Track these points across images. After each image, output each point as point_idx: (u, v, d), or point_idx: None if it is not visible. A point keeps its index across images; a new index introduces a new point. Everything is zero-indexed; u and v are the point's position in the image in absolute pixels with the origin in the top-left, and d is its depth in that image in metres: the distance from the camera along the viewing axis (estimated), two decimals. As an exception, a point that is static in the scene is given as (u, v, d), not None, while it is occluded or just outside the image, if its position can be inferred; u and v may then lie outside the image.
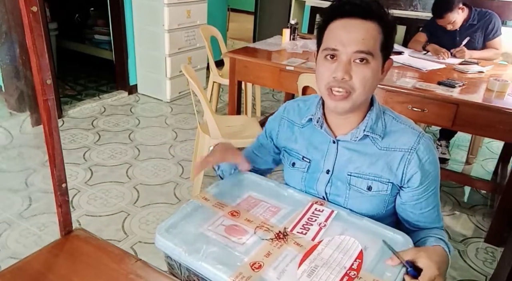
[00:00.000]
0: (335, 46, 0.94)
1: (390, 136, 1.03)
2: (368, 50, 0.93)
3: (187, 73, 2.08)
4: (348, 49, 0.93)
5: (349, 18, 0.94)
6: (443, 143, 3.01)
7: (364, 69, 0.94)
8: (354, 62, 0.94)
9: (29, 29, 0.78)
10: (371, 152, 1.03)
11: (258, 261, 0.87)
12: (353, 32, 0.93)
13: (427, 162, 1.00)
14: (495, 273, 1.82)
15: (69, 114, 3.45)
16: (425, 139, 1.01)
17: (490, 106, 1.95)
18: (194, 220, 1.00)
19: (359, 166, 1.05)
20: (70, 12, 4.68)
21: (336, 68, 0.94)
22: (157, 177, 2.60)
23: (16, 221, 2.12)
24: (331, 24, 0.97)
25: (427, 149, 1.00)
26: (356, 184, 1.06)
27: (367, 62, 0.94)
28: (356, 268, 0.88)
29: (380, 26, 0.94)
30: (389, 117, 1.05)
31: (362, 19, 0.93)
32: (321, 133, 1.09)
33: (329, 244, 0.95)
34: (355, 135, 1.03)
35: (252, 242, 0.93)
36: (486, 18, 2.68)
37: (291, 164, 1.17)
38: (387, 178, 1.03)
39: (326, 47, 0.96)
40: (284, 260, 0.89)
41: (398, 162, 1.01)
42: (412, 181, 1.01)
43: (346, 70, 0.93)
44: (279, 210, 1.06)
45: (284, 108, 1.19)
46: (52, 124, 0.88)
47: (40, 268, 0.90)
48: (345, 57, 0.94)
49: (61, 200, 0.97)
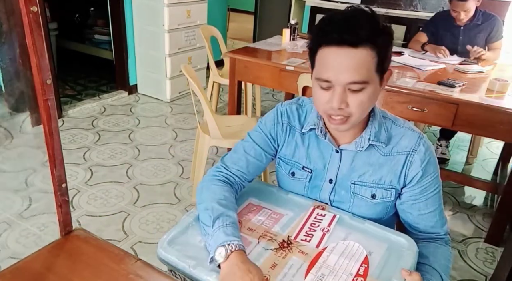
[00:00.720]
0: (327, 78, 0.90)
1: (392, 141, 1.02)
2: (362, 80, 0.88)
3: (187, 73, 2.08)
4: (342, 80, 0.88)
5: (338, 47, 0.87)
6: (443, 143, 3.01)
7: (360, 95, 0.90)
8: (349, 91, 0.90)
9: (29, 29, 0.78)
10: (375, 159, 1.03)
11: (264, 275, 0.86)
12: (345, 63, 0.87)
13: (427, 163, 1.00)
14: (495, 273, 1.81)
15: (69, 114, 3.45)
16: (425, 140, 1.02)
17: (490, 106, 1.95)
18: (196, 232, 0.98)
19: (363, 174, 1.04)
20: (70, 12, 4.68)
21: (331, 99, 0.91)
22: (157, 177, 2.60)
23: (16, 221, 2.12)
24: (321, 49, 0.91)
25: (427, 151, 1.00)
26: (360, 193, 1.05)
27: (363, 89, 0.90)
28: (363, 274, 0.87)
29: (373, 50, 0.87)
30: (389, 122, 1.04)
31: (353, 48, 0.86)
32: (323, 142, 1.06)
33: (333, 250, 0.94)
34: (360, 145, 1.01)
35: (256, 254, 0.92)
36: (490, 20, 2.69)
37: (289, 173, 1.13)
38: (390, 184, 1.03)
39: (319, 77, 0.92)
40: (290, 271, 0.88)
41: (402, 165, 1.01)
42: (412, 181, 1.01)
43: (342, 99, 0.90)
44: (281, 216, 1.05)
45: (281, 113, 1.11)
46: (52, 124, 0.88)
47: (40, 268, 0.90)
48: (339, 88, 0.89)
49: (61, 200, 0.97)
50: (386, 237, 0.99)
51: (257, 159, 1.12)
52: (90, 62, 4.61)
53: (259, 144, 1.12)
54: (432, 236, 1.07)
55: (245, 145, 1.13)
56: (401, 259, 0.93)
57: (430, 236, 1.07)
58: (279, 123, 1.11)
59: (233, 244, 0.87)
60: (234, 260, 0.85)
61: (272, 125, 1.11)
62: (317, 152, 1.08)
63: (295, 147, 1.10)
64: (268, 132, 1.12)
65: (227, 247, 0.87)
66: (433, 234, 1.07)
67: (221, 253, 0.86)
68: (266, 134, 1.12)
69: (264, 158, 1.13)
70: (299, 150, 1.10)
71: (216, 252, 0.87)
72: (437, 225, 1.06)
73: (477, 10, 2.69)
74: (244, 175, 1.11)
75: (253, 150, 1.11)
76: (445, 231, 1.07)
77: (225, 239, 0.88)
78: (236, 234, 0.91)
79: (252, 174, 1.13)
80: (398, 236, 0.99)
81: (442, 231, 1.07)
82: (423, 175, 1.00)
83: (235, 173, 1.10)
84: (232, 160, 1.11)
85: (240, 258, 0.85)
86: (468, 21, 2.70)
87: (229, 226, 0.92)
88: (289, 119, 1.10)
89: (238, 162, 1.11)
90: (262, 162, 1.13)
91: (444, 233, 1.07)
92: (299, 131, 1.09)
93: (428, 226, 1.06)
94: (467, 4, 2.61)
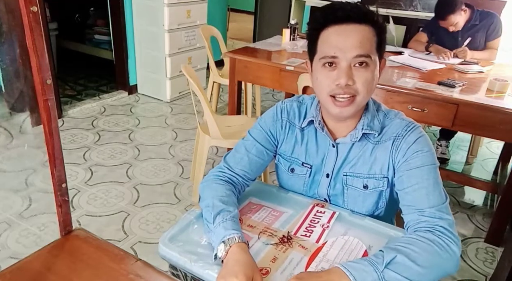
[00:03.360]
0: (334, 53, 0.94)
1: (383, 130, 1.03)
2: (367, 53, 0.94)
3: (187, 73, 2.08)
4: (348, 54, 0.93)
5: (343, 24, 0.94)
6: (443, 143, 3.01)
7: (365, 72, 0.95)
8: (355, 67, 0.94)
9: (29, 29, 0.78)
10: (367, 150, 1.04)
11: (265, 267, 0.87)
12: (351, 37, 0.93)
13: (415, 143, 0.98)
14: (495, 273, 1.81)
15: (69, 114, 3.45)
16: (413, 126, 1.01)
17: (490, 106, 1.95)
18: (197, 229, 0.99)
19: (354, 165, 1.05)
20: (70, 12, 4.68)
21: (338, 75, 0.94)
22: (157, 177, 2.60)
23: (16, 221, 2.12)
24: (324, 31, 0.96)
25: (414, 133, 1.00)
26: (352, 184, 1.06)
27: (367, 65, 0.94)
28: None
29: (374, 28, 0.95)
30: (381, 113, 1.06)
31: (357, 24, 0.93)
32: (321, 137, 1.08)
33: (333, 245, 0.95)
34: (355, 136, 1.03)
35: (257, 248, 0.93)
36: (488, 18, 2.68)
37: (289, 170, 1.14)
38: (381, 173, 1.03)
39: (325, 55, 0.95)
40: (290, 264, 0.89)
41: (389, 150, 1.01)
42: (399, 163, 1.00)
43: (349, 75, 0.94)
44: (281, 214, 1.06)
45: (281, 110, 1.12)
46: (52, 124, 0.88)
47: (40, 268, 0.90)
48: (345, 63, 0.94)
49: (61, 200, 0.97)
50: (385, 233, 1.00)
51: (259, 157, 1.12)
52: (90, 62, 4.61)
53: (260, 142, 1.12)
54: (419, 222, 0.92)
55: (246, 143, 1.13)
56: None
57: (416, 221, 0.93)
58: (279, 119, 1.12)
59: (232, 238, 0.88)
60: (233, 255, 0.86)
61: (271, 122, 1.13)
62: (315, 146, 1.09)
63: (295, 143, 1.11)
64: (268, 129, 1.13)
65: (226, 243, 0.88)
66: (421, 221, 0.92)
67: (221, 249, 0.87)
68: (266, 131, 1.13)
69: (266, 155, 1.13)
70: (298, 146, 1.11)
71: (218, 249, 0.88)
72: (425, 200, 0.92)
73: (474, 10, 2.69)
74: (247, 174, 1.11)
75: (255, 148, 1.12)
76: (436, 207, 0.92)
77: (224, 234, 0.89)
78: (235, 227, 0.92)
79: (255, 172, 1.13)
80: (398, 231, 1.00)
81: (429, 205, 0.92)
82: (410, 152, 0.98)
83: (238, 173, 1.10)
84: (235, 160, 1.12)
85: (239, 253, 0.86)
86: (465, 23, 2.70)
87: (229, 220, 0.93)
88: (289, 115, 1.12)
89: (241, 161, 1.11)
90: (264, 160, 1.14)
91: (436, 206, 0.92)
92: (298, 127, 1.10)
93: (416, 202, 0.93)
94: (450, 20, 2.62)
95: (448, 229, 0.89)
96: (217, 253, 0.88)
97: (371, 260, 0.82)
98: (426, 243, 0.86)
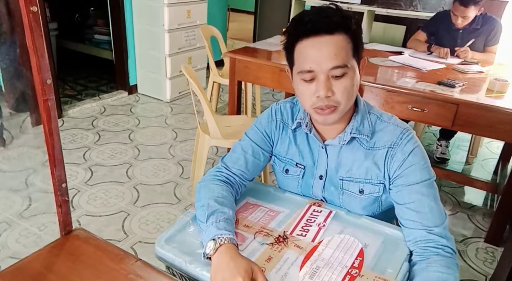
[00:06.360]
0: (310, 68, 0.93)
1: (375, 136, 1.03)
2: (343, 64, 0.92)
3: (187, 73, 2.08)
4: (324, 67, 0.92)
5: (315, 36, 0.92)
6: (443, 143, 3.01)
7: (344, 81, 0.93)
8: (333, 78, 0.93)
9: (29, 29, 0.78)
10: (358, 153, 1.03)
11: (260, 267, 0.87)
12: (324, 49, 0.91)
13: (410, 154, 0.98)
14: (495, 273, 1.81)
15: (69, 114, 3.45)
16: (408, 134, 1.01)
17: (490, 106, 1.95)
18: (193, 230, 1.00)
19: (349, 169, 1.05)
20: (70, 12, 4.68)
21: (317, 88, 0.93)
22: (157, 177, 2.60)
23: (16, 221, 2.12)
24: (298, 44, 0.95)
25: (410, 142, 0.99)
26: (348, 188, 1.06)
27: (345, 74, 0.93)
28: (358, 266, 0.88)
29: (347, 35, 0.93)
30: (373, 116, 1.05)
31: (329, 35, 0.91)
32: (312, 138, 1.08)
33: (329, 244, 0.95)
34: (343, 139, 1.03)
35: (252, 248, 0.93)
36: (489, 24, 2.69)
37: (284, 170, 1.15)
38: (377, 179, 1.03)
39: (301, 70, 0.95)
40: (285, 263, 0.89)
41: (383, 159, 1.01)
42: (395, 173, 1.00)
43: (328, 87, 0.93)
44: (278, 214, 1.06)
45: (275, 111, 1.14)
46: (52, 124, 0.88)
47: (40, 268, 0.90)
48: (322, 75, 0.93)
49: (61, 200, 0.97)
50: (382, 231, 1.00)
51: (255, 157, 1.13)
52: (90, 62, 4.61)
53: (256, 142, 1.14)
54: (428, 241, 0.95)
55: (243, 144, 1.14)
56: (396, 250, 0.94)
57: (425, 239, 0.95)
58: (273, 120, 1.13)
59: (222, 237, 0.89)
60: (223, 254, 0.86)
61: (266, 122, 1.14)
62: (307, 148, 1.10)
63: (289, 144, 1.12)
64: (263, 129, 1.14)
65: (216, 240, 0.88)
66: (430, 240, 0.95)
67: (210, 247, 0.87)
68: (262, 132, 1.14)
69: (262, 156, 1.14)
70: (292, 147, 1.12)
71: (206, 245, 0.88)
72: (428, 218, 0.95)
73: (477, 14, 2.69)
74: (244, 174, 1.12)
75: (251, 148, 1.13)
76: (437, 225, 0.95)
77: (215, 233, 0.89)
78: (228, 228, 0.92)
79: (252, 173, 1.14)
80: (394, 229, 1.00)
81: (432, 224, 0.95)
82: (406, 164, 0.98)
83: (235, 173, 1.11)
84: (232, 160, 1.13)
85: (229, 252, 0.86)
86: (467, 25, 2.70)
87: (222, 221, 0.93)
88: (283, 116, 1.13)
89: (238, 161, 1.12)
90: (261, 160, 1.15)
91: (439, 226, 0.95)
92: (291, 128, 1.11)
93: (418, 219, 0.95)
94: (468, 10, 2.60)
95: (454, 250, 0.95)
96: (205, 251, 0.88)
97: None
98: (454, 270, 0.91)
